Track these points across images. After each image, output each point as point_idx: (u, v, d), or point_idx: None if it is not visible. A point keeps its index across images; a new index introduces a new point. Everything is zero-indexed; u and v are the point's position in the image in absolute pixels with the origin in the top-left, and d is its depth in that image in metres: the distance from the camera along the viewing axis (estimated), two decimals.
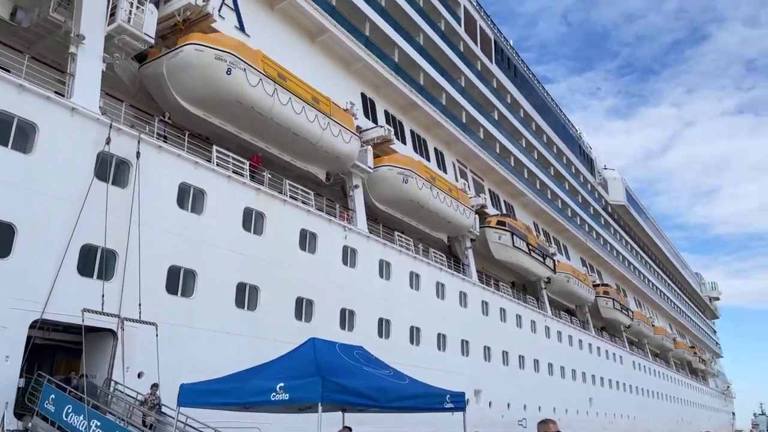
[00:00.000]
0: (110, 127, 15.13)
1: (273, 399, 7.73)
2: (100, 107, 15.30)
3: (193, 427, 11.78)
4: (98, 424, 10.70)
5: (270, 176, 20.98)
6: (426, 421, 14.24)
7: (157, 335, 13.76)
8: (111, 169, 15.11)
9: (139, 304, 14.02)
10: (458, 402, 10.17)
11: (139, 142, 15.85)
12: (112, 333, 14.09)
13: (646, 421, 56.50)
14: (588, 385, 44.76)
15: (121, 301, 14.23)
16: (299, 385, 7.63)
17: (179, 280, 16.47)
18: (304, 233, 21.45)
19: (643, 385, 58.03)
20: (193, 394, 8.74)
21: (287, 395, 7.62)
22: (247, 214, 19.23)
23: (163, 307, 15.44)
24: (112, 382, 13.44)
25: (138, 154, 15.71)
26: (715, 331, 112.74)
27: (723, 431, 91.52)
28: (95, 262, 14.34)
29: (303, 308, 20.77)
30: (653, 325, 66.25)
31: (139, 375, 14.48)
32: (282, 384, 7.73)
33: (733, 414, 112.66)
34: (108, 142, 14.89)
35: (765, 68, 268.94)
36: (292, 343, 18.26)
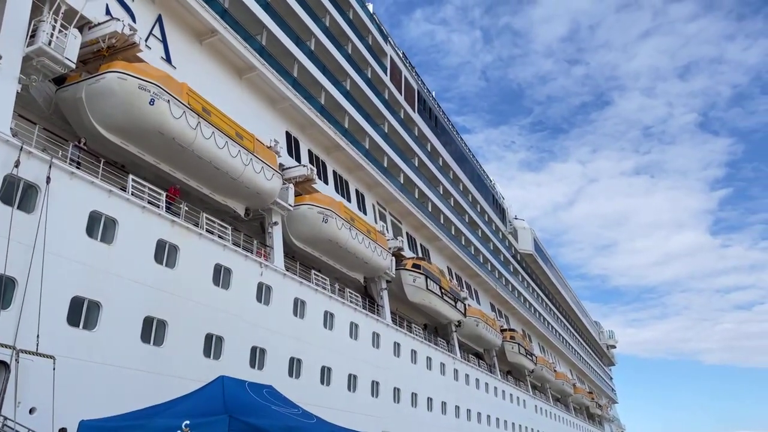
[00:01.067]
0: (20, 149, 14.58)
1: None
2: (11, 128, 14.73)
3: None
4: None
5: (187, 209, 20.72)
6: None
7: (54, 369, 13.10)
8: (18, 193, 14.48)
9: (38, 336, 13.33)
10: None
11: (50, 166, 15.33)
12: (3, 365, 13.25)
13: None
14: (493, 428, 45.96)
15: (17, 331, 13.46)
16: (206, 423, 7.68)
17: (82, 312, 15.78)
18: (218, 268, 21.20)
19: (544, 429, 60.24)
20: (93, 431, 8.50)
21: None
22: (160, 246, 18.84)
23: (63, 340, 14.72)
24: (1, 418, 12.59)
25: (48, 179, 15.17)
26: (611, 378, 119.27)
27: None
28: None
29: (212, 345, 20.35)
30: (555, 371, 69.34)
31: (31, 411, 13.61)
32: (188, 422, 7.75)
33: None
34: (17, 165, 14.32)
35: (660, 135, 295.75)
36: (200, 380, 17.98)
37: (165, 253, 19.04)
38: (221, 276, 21.30)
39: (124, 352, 16.70)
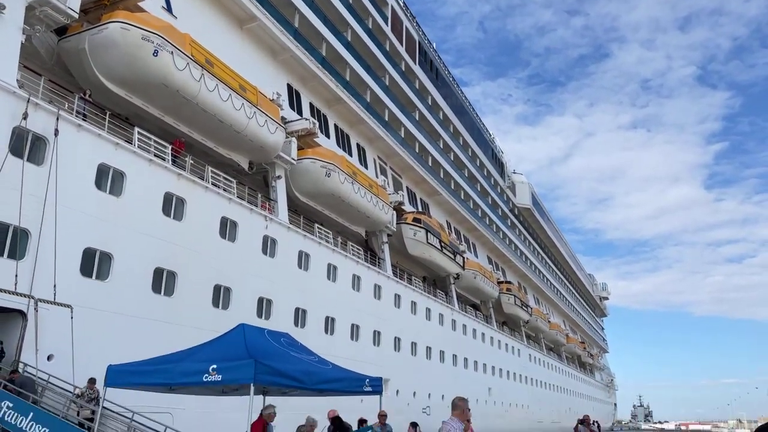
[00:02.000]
0: (28, 101, 14.52)
1: (205, 380, 8.10)
2: (17, 80, 14.63)
3: (138, 422, 11.83)
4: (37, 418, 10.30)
5: (192, 162, 20.77)
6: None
7: (72, 318, 13.47)
8: (27, 145, 14.51)
9: (54, 285, 13.64)
10: (376, 386, 10.97)
11: (57, 118, 15.30)
12: (21, 314, 13.62)
13: (538, 410, 60.62)
14: (488, 375, 47.44)
15: (32, 281, 13.76)
16: (232, 367, 8.05)
17: (94, 263, 16.08)
18: (224, 221, 21.44)
19: (537, 376, 62.18)
20: (122, 375, 8.89)
21: (220, 376, 8.02)
22: (168, 198, 18.99)
23: (77, 290, 15.06)
24: (21, 364, 13.04)
25: (56, 132, 15.17)
26: (603, 328, 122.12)
27: (606, 420, 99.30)
28: (6, 240, 13.78)
29: (221, 296, 20.80)
30: (549, 321, 70.96)
31: (49, 358, 14.08)
32: (215, 366, 8.12)
33: (615, 405, 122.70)
34: (25, 117, 14.30)
35: (658, 88, 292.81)
36: (209, 329, 18.50)
37: (172, 206, 19.21)
38: (227, 229, 21.55)
39: (136, 302, 17.09)
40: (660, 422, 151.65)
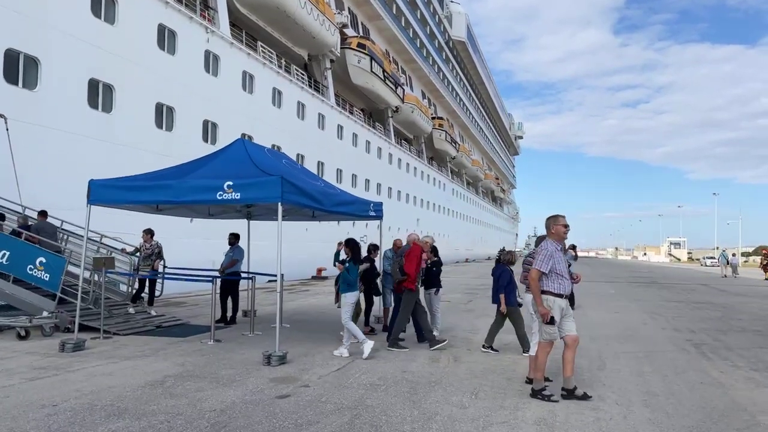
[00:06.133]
0: None
1: (219, 198, 6.96)
2: None
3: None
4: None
5: None
6: None
7: (7, 129, 11.35)
8: None
9: None
10: (378, 210, 10.32)
11: None
12: None
13: (457, 240, 64.72)
14: (417, 207, 49.02)
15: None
16: (252, 184, 6.93)
17: (18, 68, 13.43)
18: (162, 29, 18.53)
19: (457, 209, 65.40)
20: (108, 191, 7.49)
21: (238, 194, 6.90)
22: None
23: (4, 99, 12.65)
24: None
25: None
26: (514, 166, 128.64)
27: (510, 248, 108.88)
28: None
29: (164, 115, 18.69)
30: (472, 158, 73.11)
31: None
32: (230, 183, 6.95)
33: (516, 235, 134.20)
34: None
35: None
36: (153, 152, 16.82)
37: (102, 5, 16.13)
38: (165, 38, 18.74)
39: (71, 117, 14.85)
40: None
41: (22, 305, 9.17)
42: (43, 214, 10.77)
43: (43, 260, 8.97)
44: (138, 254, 10.88)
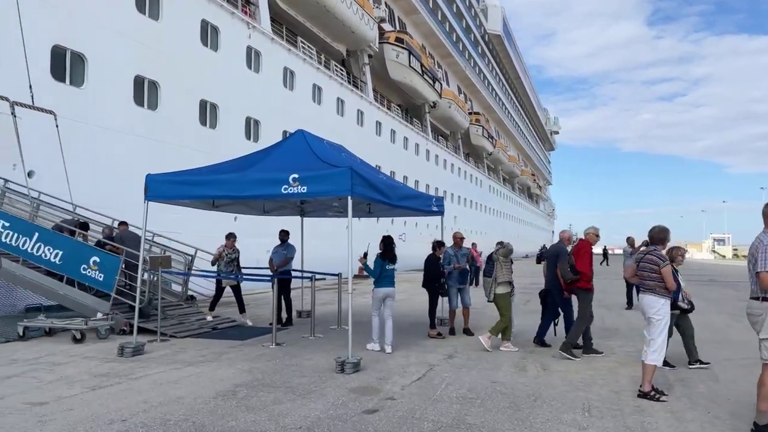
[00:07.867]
0: None
1: (284, 192, 6.46)
2: None
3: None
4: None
5: None
6: None
7: (57, 126, 11.13)
8: None
9: (30, 86, 10.98)
10: (440, 206, 9.73)
11: None
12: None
13: (493, 237, 63.47)
14: (455, 205, 48.13)
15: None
16: (319, 177, 6.41)
17: (65, 65, 13.26)
18: (205, 25, 18.28)
19: (494, 206, 64.20)
20: (167, 186, 7.08)
21: (305, 188, 6.40)
22: None
23: (52, 96, 12.47)
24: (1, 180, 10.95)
25: None
26: (549, 162, 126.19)
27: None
28: None
29: (207, 112, 18.43)
30: (508, 154, 71.73)
31: (30, 174, 11.92)
32: (296, 175, 6.45)
33: (553, 232, 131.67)
34: None
35: None
36: (198, 150, 16.56)
37: (146, 1, 15.92)
38: (209, 34, 18.48)
39: (117, 114, 14.65)
40: None
41: (75, 306, 8.88)
42: (123, 224, 10.48)
43: (97, 259, 8.66)
44: (220, 261, 10.07)
